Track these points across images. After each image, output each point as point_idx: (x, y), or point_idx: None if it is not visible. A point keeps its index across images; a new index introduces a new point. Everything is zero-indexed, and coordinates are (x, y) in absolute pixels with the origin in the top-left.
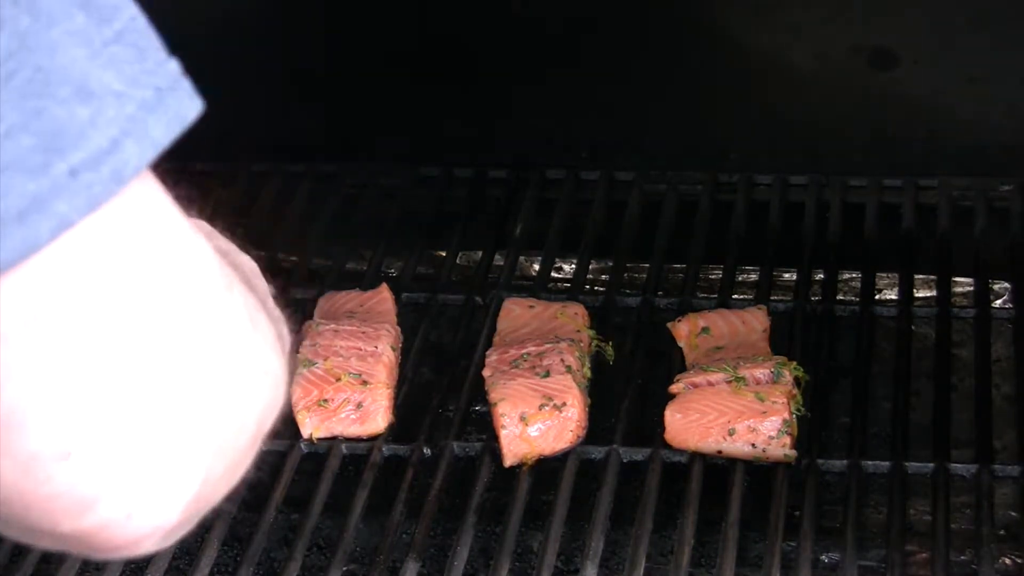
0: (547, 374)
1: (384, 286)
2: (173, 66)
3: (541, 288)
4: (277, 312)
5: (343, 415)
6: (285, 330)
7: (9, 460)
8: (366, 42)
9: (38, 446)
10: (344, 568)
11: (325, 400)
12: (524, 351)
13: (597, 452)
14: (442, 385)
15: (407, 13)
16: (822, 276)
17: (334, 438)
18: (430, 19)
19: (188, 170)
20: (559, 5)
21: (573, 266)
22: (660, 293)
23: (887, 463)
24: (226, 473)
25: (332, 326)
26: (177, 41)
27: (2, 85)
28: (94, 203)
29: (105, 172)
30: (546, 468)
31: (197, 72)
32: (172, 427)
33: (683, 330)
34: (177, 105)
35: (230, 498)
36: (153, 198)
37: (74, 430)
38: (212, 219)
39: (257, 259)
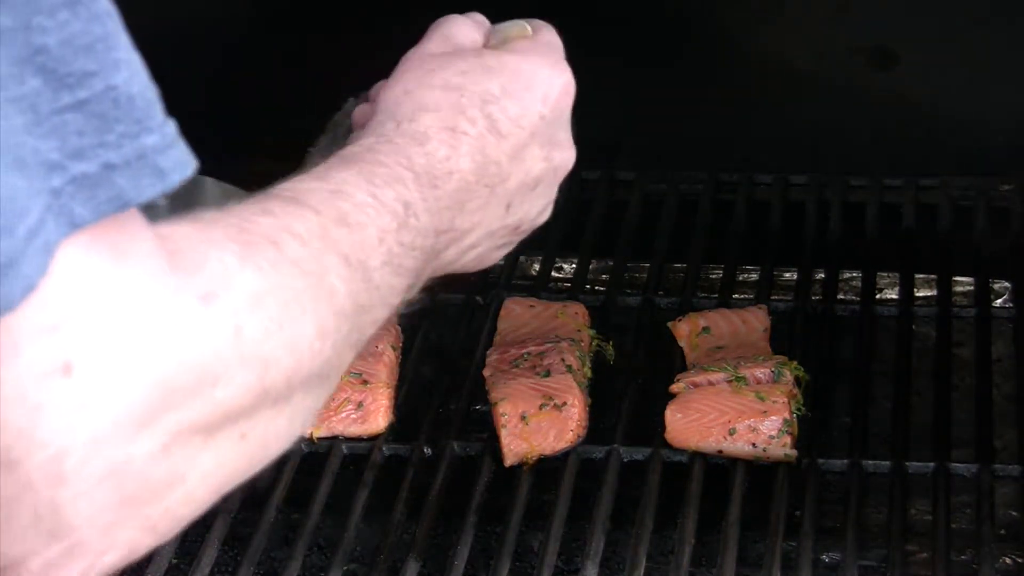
0: (548, 374)
1: None
2: (149, 141)
3: (542, 288)
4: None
5: (343, 415)
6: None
7: None
8: (365, 41)
9: None
10: (344, 568)
11: None
12: (525, 351)
13: (598, 452)
14: (442, 385)
15: (406, 13)
16: (823, 276)
17: (334, 438)
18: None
19: None
20: (560, 5)
21: (573, 266)
22: (660, 293)
23: (887, 463)
24: (162, 539)
25: None
26: (181, 40)
27: None
28: (41, 270)
29: (39, 243)
30: (546, 468)
31: (190, 73)
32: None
33: (684, 330)
34: (125, 184)
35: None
36: (94, 265)
37: None
38: None
39: None
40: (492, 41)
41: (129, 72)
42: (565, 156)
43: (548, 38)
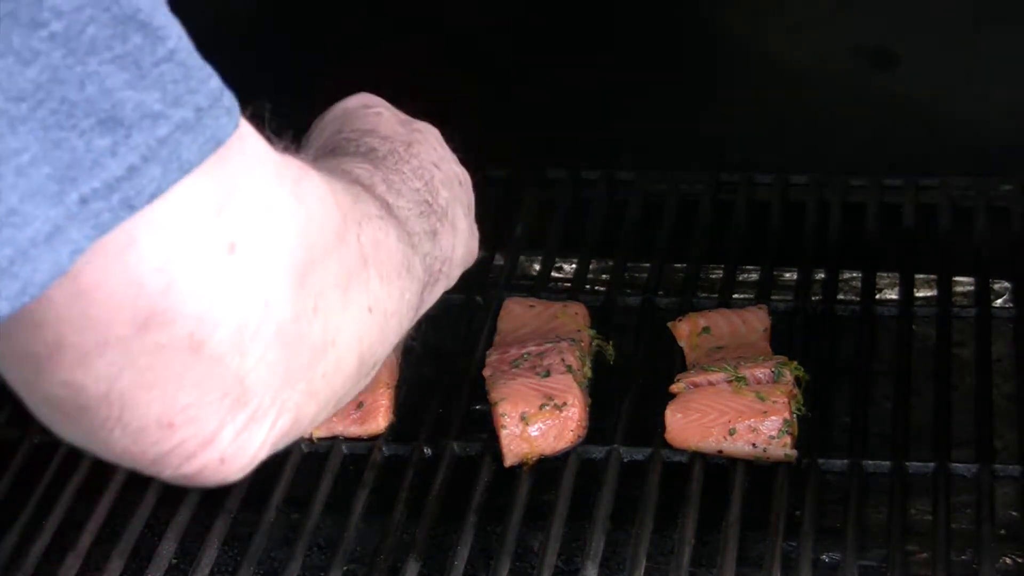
0: (548, 374)
1: None
2: (214, 83)
3: (542, 288)
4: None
5: (343, 415)
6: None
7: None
8: (366, 40)
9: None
10: (344, 568)
11: None
12: (525, 351)
13: (598, 452)
14: (442, 385)
15: (407, 13)
16: (823, 276)
17: (334, 438)
18: (430, 19)
19: None
20: (560, 6)
21: (574, 266)
22: (661, 293)
23: (887, 463)
24: (321, 410)
25: None
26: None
27: (27, 117)
28: (101, 229)
29: (115, 200)
30: (546, 468)
31: None
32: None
33: (684, 329)
34: (214, 125)
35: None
36: (181, 216)
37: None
38: None
39: None
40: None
41: (179, 25)
42: (423, 124)
43: None
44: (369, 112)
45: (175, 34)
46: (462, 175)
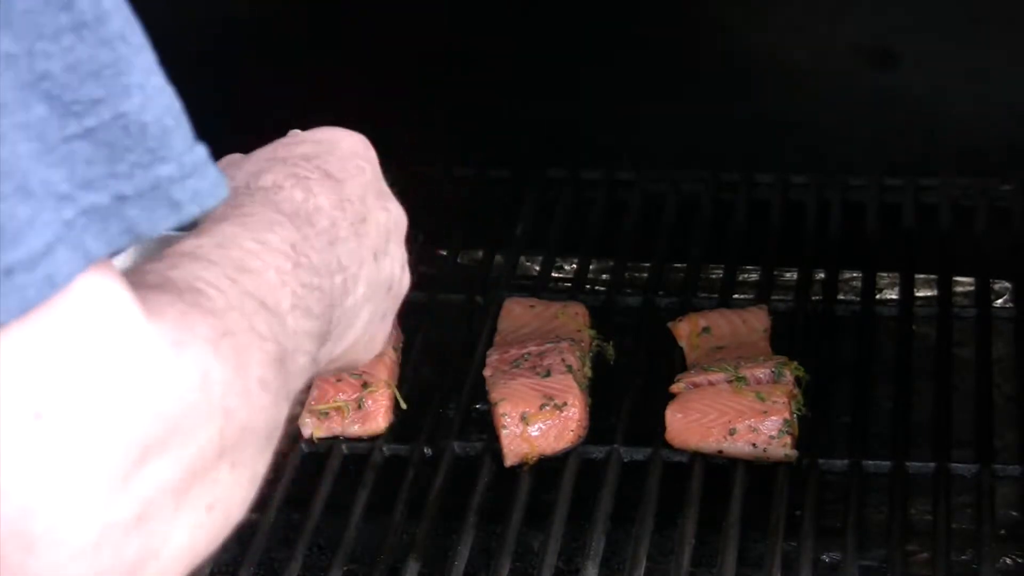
0: (548, 374)
1: None
2: (163, 171)
3: (542, 288)
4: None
5: (343, 415)
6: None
7: None
8: (367, 41)
9: None
10: (345, 568)
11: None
12: (525, 351)
13: (598, 452)
14: (442, 385)
15: (407, 13)
16: (823, 276)
17: (334, 438)
18: (430, 19)
19: None
20: (560, 5)
21: (574, 266)
22: (661, 293)
23: (888, 463)
24: None
25: None
26: (174, 39)
27: None
28: (26, 306)
29: (39, 275)
30: (547, 468)
31: (195, 71)
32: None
33: (684, 329)
34: (137, 216)
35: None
36: (96, 301)
37: None
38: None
39: None
40: None
41: (143, 98)
42: (398, 209)
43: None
44: (352, 164)
45: (109, 112)
46: (396, 282)
